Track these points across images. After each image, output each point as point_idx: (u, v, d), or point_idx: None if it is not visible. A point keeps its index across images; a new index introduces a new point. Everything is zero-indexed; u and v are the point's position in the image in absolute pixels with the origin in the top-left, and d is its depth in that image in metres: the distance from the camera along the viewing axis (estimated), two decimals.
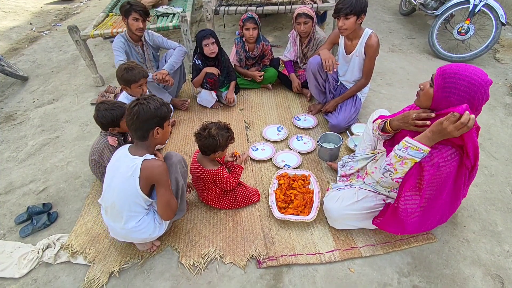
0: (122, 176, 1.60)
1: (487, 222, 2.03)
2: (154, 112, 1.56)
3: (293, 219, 1.97)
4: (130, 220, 1.67)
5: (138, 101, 1.57)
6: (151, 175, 1.57)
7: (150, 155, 1.60)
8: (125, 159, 1.61)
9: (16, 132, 3.07)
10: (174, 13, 3.84)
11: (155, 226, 1.74)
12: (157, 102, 1.59)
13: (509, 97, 3.23)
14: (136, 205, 1.64)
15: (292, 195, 2.12)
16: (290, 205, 2.07)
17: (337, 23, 2.45)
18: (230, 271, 1.80)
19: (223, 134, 1.91)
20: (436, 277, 1.75)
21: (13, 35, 5.26)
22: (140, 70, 2.38)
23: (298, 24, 2.89)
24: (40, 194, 2.37)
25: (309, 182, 2.24)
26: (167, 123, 1.66)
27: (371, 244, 1.89)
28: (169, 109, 1.65)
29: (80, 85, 3.76)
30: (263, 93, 3.41)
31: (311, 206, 2.07)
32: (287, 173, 2.29)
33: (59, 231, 2.08)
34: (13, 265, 1.87)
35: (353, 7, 2.30)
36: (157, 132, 1.61)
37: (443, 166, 1.44)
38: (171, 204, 1.67)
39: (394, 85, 3.47)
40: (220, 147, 1.92)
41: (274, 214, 1.99)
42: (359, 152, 2.20)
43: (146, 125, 1.57)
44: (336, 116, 2.75)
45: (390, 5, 5.66)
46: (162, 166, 1.59)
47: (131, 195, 1.60)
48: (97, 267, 1.82)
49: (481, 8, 3.55)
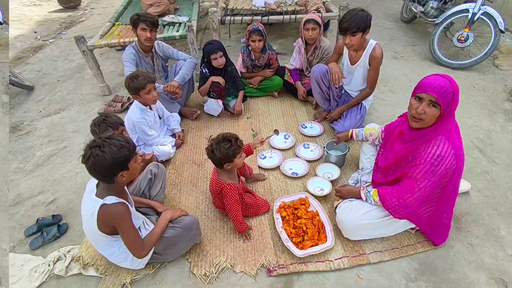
0: (85, 214, 1.59)
1: (490, 227, 2.07)
2: (112, 161, 1.42)
3: (316, 251, 1.89)
4: (106, 249, 1.70)
5: (91, 151, 1.41)
6: (109, 220, 1.54)
7: (111, 198, 1.51)
8: (90, 196, 1.57)
9: (23, 143, 3.08)
10: (180, 22, 3.89)
11: (133, 258, 1.73)
12: (113, 147, 1.43)
13: (509, 103, 3.28)
14: (102, 240, 1.65)
15: (302, 225, 2.02)
16: (305, 236, 1.98)
17: (343, 39, 2.49)
18: (241, 280, 1.83)
19: (222, 147, 1.82)
20: (442, 281, 1.78)
21: (18, 43, 5.29)
22: (145, 76, 2.39)
23: (306, 30, 2.95)
24: (49, 206, 2.38)
25: (309, 204, 2.19)
26: (133, 161, 1.53)
27: (378, 251, 1.93)
28: (131, 148, 1.51)
29: (87, 95, 3.79)
30: (270, 101, 3.45)
31: (324, 229, 2.03)
32: (285, 202, 2.20)
33: (70, 243, 2.09)
34: (24, 278, 1.86)
35: (359, 25, 2.34)
36: (122, 176, 1.51)
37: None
38: (135, 247, 1.62)
39: (397, 92, 3.52)
40: (224, 161, 1.86)
41: (295, 254, 1.87)
42: (364, 164, 2.32)
43: (108, 173, 1.47)
44: (342, 123, 2.80)
45: (391, 13, 5.73)
46: (119, 211, 1.51)
47: (94, 232, 1.59)
48: (109, 279, 1.83)
49: (480, 16, 3.60)
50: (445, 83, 1.53)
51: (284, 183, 2.43)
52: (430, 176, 1.60)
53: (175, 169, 2.62)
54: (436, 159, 1.57)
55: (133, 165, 1.54)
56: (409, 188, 1.66)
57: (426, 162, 1.60)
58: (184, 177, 2.54)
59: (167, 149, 2.61)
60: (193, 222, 1.86)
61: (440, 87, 1.52)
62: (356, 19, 2.33)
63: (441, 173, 1.59)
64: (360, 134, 2.31)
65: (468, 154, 2.63)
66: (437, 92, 1.52)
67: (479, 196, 2.28)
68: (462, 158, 1.65)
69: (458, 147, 1.62)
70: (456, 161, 1.59)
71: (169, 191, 2.41)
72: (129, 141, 1.52)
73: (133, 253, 1.64)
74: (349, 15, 2.37)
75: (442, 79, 1.55)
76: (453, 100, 1.56)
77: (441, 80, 1.55)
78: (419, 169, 1.62)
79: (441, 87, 1.53)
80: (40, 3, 7.17)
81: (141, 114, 2.49)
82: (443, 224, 1.89)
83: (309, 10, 3.79)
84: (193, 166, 2.64)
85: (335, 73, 2.70)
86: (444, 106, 1.55)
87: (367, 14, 2.38)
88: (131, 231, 1.59)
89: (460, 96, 3.34)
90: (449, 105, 1.56)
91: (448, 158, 1.57)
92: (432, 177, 1.60)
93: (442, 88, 1.53)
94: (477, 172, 2.46)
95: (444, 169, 1.58)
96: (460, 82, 3.64)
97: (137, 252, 1.64)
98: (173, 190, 2.42)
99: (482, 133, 2.88)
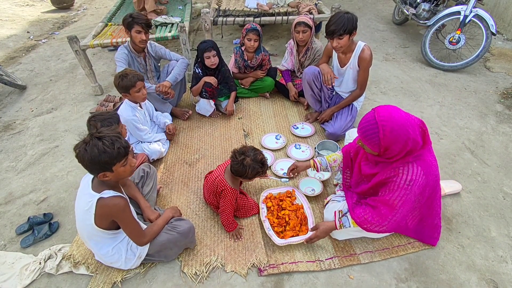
0: (81, 208, 1.59)
1: (481, 228, 2.09)
2: (91, 161, 1.44)
3: (295, 241, 1.94)
4: (100, 247, 1.70)
5: (80, 145, 1.45)
6: (108, 214, 1.55)
7: (108, 192, 1.54)
8: (86, 190, 1.57)
9: (15, 142, 3.07)
10: (173, 23, 3.89)
11: (127, 258, 1.75)
12: (95, 149, 1.43)
13: (500, 105, 3.32)
14: (98, 236, 1.65)
15: (286, 216, 2.08)
16: (287, 227, 2.04)
17: (331, 42, 2.50)
18: (232, 279, 1.83)
19: (255, 167, 1.85)
20: (432, 282, 1.79)
21: (10, 43, 5.26)
22: (134, 74, 2.40)
23: (297, 32, 2.96)
24: (40, 204, 2.37)
25: (295, 197, 2.24)
26: (119, 165, 1.51)
27: (369, 251, 1.94)
28: (115, 154, 1.47)
29: (79, 94, 3.77)
30: (261, 102, 3.46)
31: (306, 222, 2.08)
32: (272, 194, 2.26)
33: (61, 241, 2.08)
34: (15, 276, 1.87)
35: (346, 27, 2.35)
36: (105, 175, 1.51)
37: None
38: (136, 235, 1.68)
39: (388, 94, 3.54)
40: (246, 177, 1.90)
41: (275, 242, 1.93)
42: None
43: (90, 170, 1.51)
44: (332, 124, 2.81)
45: (383, 15, 5.77)
46: (118, 205, 1.54)
47: (89, 227, 1.59)
48: (100, 278, 1.83)
49: (471, 18, 3.64)
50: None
51: (275, 183, 2.43)
52: (405, 199, 1.63)
53: (166, 168, 2.61)
54: (409, 184, 1.60)
55: (119, 168, 1.52)
56: (387, 214, 1.67)
57: (400, 188, 1.62)
58: (175, 176, 2.53)
59: (157, 148, 2.61)
60: (190, 229, 1.85)
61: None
62: (342, 21, 2.34)
63: (415, 192, 1.62)
64: (323, 162, 2.14)
65: (459, 156, 2.66)
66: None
67: (470, 197, 2.30)
68: (433, 172, 1.66)
69: (428, 163, 1.63)
70: (426, 178, 1.61)
71: (160, 190, 2.40)
72: (116, 145, 1.47)
73: (135, 241, 1.70)
74: (335, 18, 2.38)
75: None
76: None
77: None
78: (394, 196, 1.64)
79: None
80: (33, 4, 7.12)
81: (132, 112, 2.50)
82: (428, 226, 1.92)
83: (301, 11, 3.81)
84: (185, 166, 2.64)
85: (327, 73, 2.72)
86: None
87: (353, 16, 2.39)
88: (132, 221, 1.64)
89: (452, 98, 3.43)
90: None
91: (419, 180, 1.60)
92: (408, 200, 1.63)
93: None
94: (468, 174, 2.49)
95: (417, 188, 1.61)
96: (451, 84, 3.69)
97: (139, 240, 1.70)
98: (164, 190, 2.41)
99: (473, 134, 2.91)
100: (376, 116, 1.53)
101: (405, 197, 1.61)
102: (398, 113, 1.53)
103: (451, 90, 3.58)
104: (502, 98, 3.41)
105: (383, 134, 1.51)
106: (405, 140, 1.51)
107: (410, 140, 1.52)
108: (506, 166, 2.55)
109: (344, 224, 1.81)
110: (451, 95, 3.49)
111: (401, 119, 1.51)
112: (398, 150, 1.55)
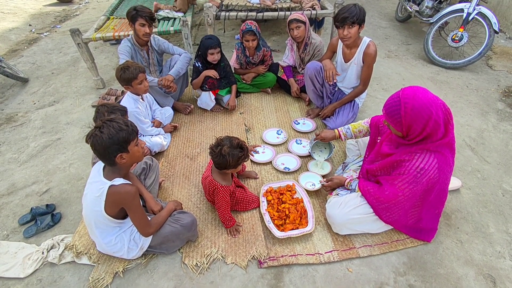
0: (91, 195, 1.61)
1: (479, 224, 2.10)
2: (110, 141, 1.49)
3: (294, 234, 1.95)
4: (105, 235, 1.72)
5: (93, 131, 1.51)
6: (118, 201, 1.58)
7: (119, 179, 1.58)
8: (97, 178, 1.60)
9: (17, 134, 3.09)
10: (175, 17, 3.89)
11: (129, 248, 1.78)
12: (111, 129, 1.50)
13: (501, 103, 3.32)
14: (104, 224, 1.68)
15: (286, 209, 2.10)
16: (287, 220, 2.05)
17: (339, 32, 2.50)
18: (232, 271, 1.84)
19: (235, 153, 1.82)
20: (431, 276, 1.81)
21: (12, 36, 5.26)
22: (136, 66, 2.41)
23: (291, 29, 2.96)
24: (43, 196, 2.39)
25: (295, 191, 2.26)
26: (133, 144, 1.59)
27: (368, 245, 1.95)
28: (130, 131, 1.57)
29: (81, 87, 3.79)
30: (263, 97, 3.47)
31: (306, 215, 2.09)
32: (272, 187, 2.28)
33: (63, 232, 2.10)
34: (17, 265, 1.89)
35: (358, 16, 2.38)
36: (122, 157, 1.55)
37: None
38: (143, 225, 1.70)
39: (390, 90, 3.54)
40: (230, 166, 1.86)
41: (275, 235, 1.95)
42: (350, 160, 2.41)
43: (107, 154, 1.53)
44: (334, 120, 2.83)
45: (386, 12, 5.76)
46: (129, 192, 1.57)
47: (98, 214, 1.62)
48: (102, 267, 1.85)
49: (474, 16, 3.64)
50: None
51: (276, 178, 2.45)
52: (411, 186, 1.64)
53: (168, 162, 2.63)
54: (419, 172, 1.61)
55: (134, 148, 1.60)
56: (391, 195, 1.71)
57: (409, 173, 1.64)
58: (176, 170, 2.55)
59: (159, 140, 2.62)
60: (193, 222, 1.88)
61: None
62: (354, 10, 2.38)
63: (423, 184, 1.63)
64: (348, 134, 2.27)
65: (460, 153, 2.66)
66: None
67: (469, 193, 2.31)
68: (447, 171, 1.67)
69: (446, 160, 1.64)
70: (439, 174, 1.62)
71: (163, 183, 2.42)
72: (129, 124, 1.58)
73: (141, 231, 1.72)
74: (347, 7, 2.42)
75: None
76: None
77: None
78: (401, 178, 1.67)
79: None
80: None
81: (134, 104, 2.51)
82: (424, 229, 1.95)
83: (304, 7, 3.79)
84: (186, 159, 2.65)
85: (329, 70, 2.73)
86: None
87: (363, 8, 2.43)
88: (140, 210, 1.66)
89: (453, 96, 3.43)
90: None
91: (431, 171, 1.60)
92: (414, 187, 1.65)
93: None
94: (468, 170, 2.50)
95: (426, 180, 1.62)
96: (453, 81, 3.69)
97: (145, 230, 1.72)
98: (166, 183, 2.43)
99: (474, 132, 2.91)
100: (400, 94, 1.56)
101: (411, 184, 1.63)
102: (424, 93, 1.54)
103: (453, 88, 3.59)
104: (504, 96, 3.42)
105: (404, 112, 1.53)
106: (426, 120, 1.51)
107: (432, 120, 1.51)
108: (506, 164, 2.56)
109: (351, 184, 2.00)
110: (453, 93, 3.49)
111: (424, 99, 1.51)
112: (419, 130, 1.55)
